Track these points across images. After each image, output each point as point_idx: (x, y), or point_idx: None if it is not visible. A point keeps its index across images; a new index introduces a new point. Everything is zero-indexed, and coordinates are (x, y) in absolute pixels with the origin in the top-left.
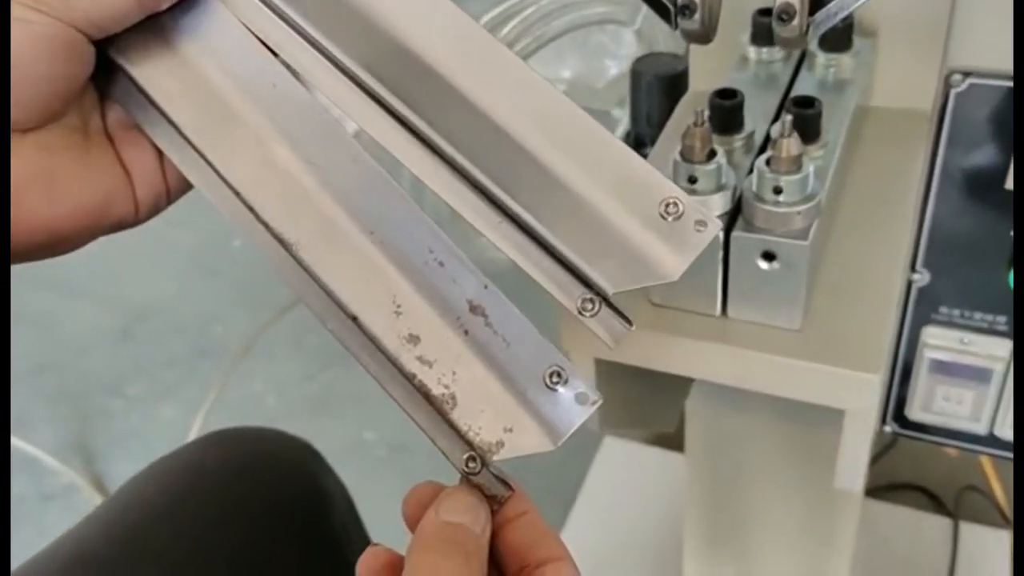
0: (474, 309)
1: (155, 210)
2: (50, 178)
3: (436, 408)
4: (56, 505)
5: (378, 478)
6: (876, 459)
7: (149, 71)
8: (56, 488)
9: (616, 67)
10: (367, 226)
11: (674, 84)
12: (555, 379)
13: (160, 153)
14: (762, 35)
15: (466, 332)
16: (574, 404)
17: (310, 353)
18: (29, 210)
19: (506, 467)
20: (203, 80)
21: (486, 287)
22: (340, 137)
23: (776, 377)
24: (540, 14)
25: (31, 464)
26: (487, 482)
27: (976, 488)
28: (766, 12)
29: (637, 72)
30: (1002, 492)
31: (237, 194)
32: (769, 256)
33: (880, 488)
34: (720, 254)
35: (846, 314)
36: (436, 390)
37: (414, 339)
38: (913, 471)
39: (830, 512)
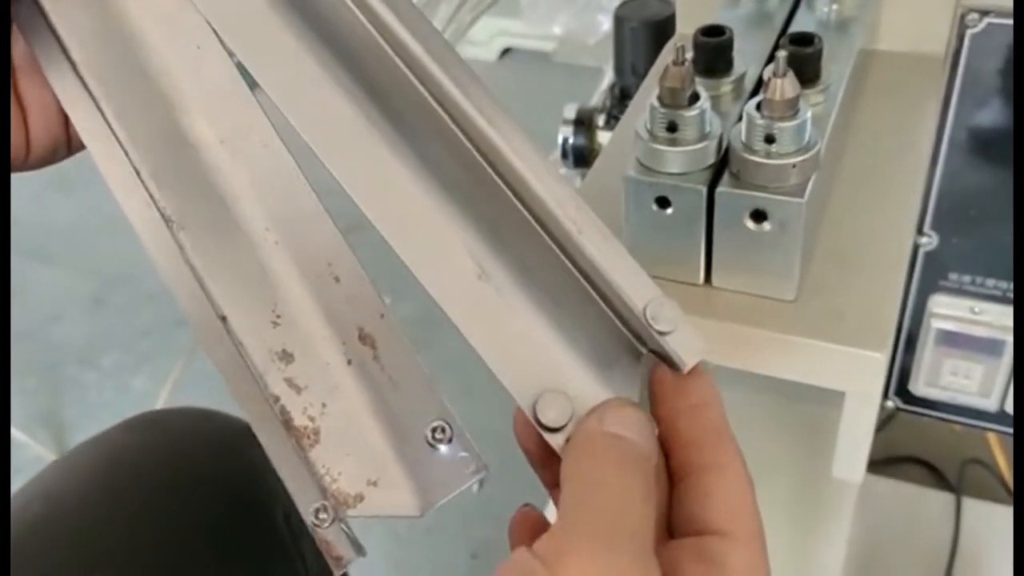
0: (364, 338)
1: (51, 157)
2: None
3: (294, 440)
4: (23, 478)
5: None
6: (876, 431)
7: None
8: (24, 462)
9: (608, 23)
10: (264, 221)
11: (660, 30)
12: (438, 435)
13: None
14: None
15: (349, 362)
16: (454, 468)
17: None
18: None
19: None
20: (121, 24)
21: (383, 316)
22: (257, 120)
23: (767, 355)
24: None
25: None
26: (335, 540)
27: (980, 462)
28: None
29: (620, 18)
30: (1007, 466)
31: (126, 154)
32: (759, 215)
33: (879, 461)
34: (703, 213)
35: (847, 284)
36: (299, 420)
37: (287, 357)
38: (914, 444)
39: (825, 492)
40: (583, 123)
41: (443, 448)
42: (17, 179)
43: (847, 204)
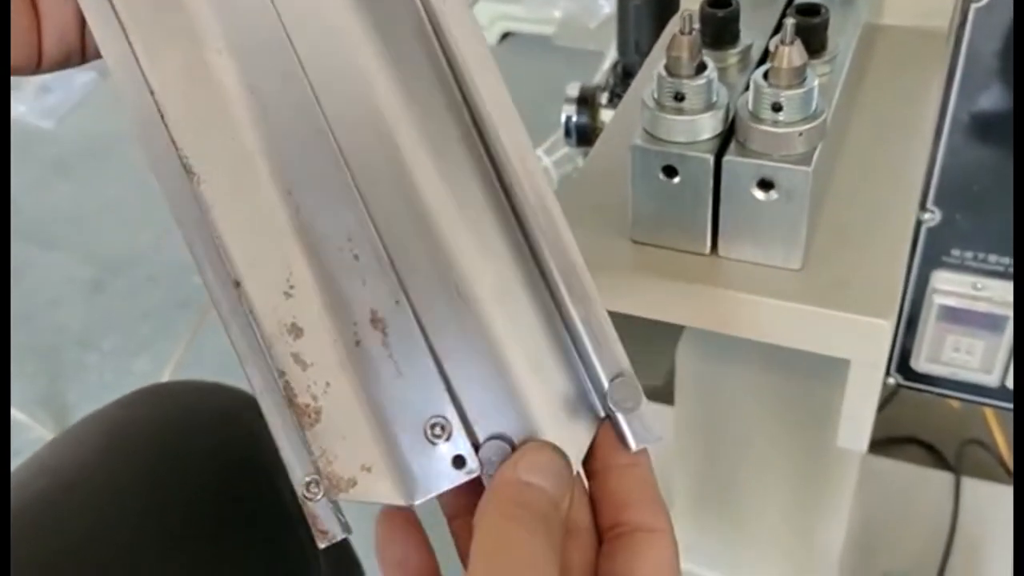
0: (376, 322)
1: (62, 65)
2: None
3: (295, 416)
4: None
5: None
6: (876, 411)
7: None
8: (26, 443)
9: (609, 6)
10: (286, 183)
11: (664, 7)
12: (437, 431)
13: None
14: None
15: (357, 343)
16: (448, 466)
17: None
18: None
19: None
20: None
21: (397, 302)
22: (292, 73)
23: (773, 323)
24: None
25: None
26: (323, 515)
27: (979, 442)
28: None
29: None
30: (1006, 446)
31: (151, 93)
32: (766, 184)
33: (880, 442)
34: (710, 182)
35: (853, 253)
36: (301, 398)
37: (296, 331)
38: (913, 424)
39: (826, 468)
40: (586, 102)
41: (440, 445)
42: (18, 164)
43: (852, 176)
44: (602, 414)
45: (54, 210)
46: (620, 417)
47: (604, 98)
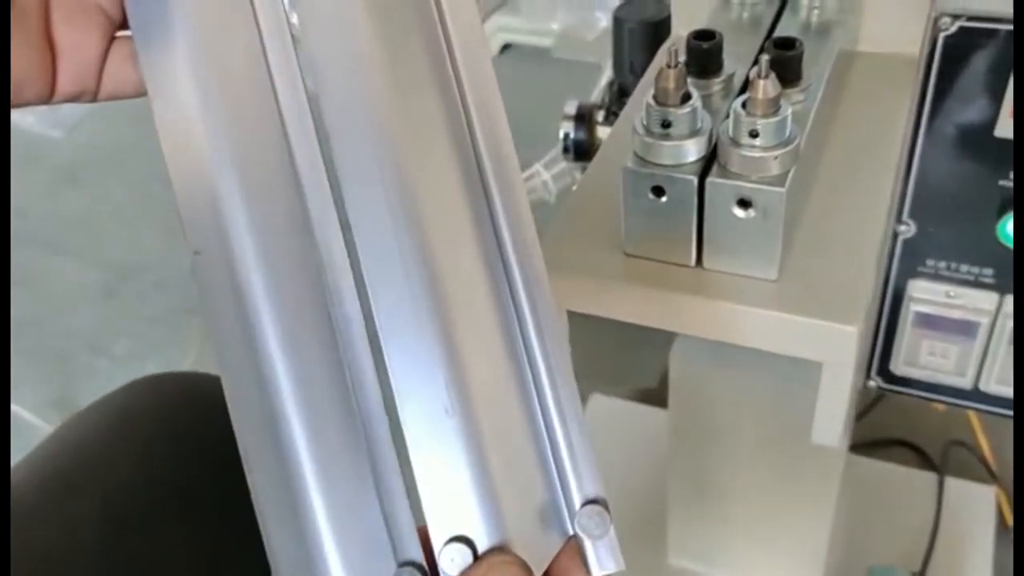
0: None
1: (73, 100)
2: None
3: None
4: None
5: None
6: (862, 414)
7: None
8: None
9: (607, 19)
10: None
11: (657, 30)
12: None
13: (107, 47)
14: None
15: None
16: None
17: None
18: None
19: None
20: None
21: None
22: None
23: (752, 329)
24: None
25: (15, 422)
26: None
27: (963, 443)
28: None
29: (619, 19)
30: (988, 447)
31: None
32: (745, 203)
33: (867, 444)
34: (694, 201)
35: (825, 265)
36: None
37: None
38: (900, 426)
39: (812, 467)
40: (583, 119)
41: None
42: (28, 172)
43: (827, 193)
44: (570, 532)
45: (64, 217)
46: (587, 542)
47: (600, 116)
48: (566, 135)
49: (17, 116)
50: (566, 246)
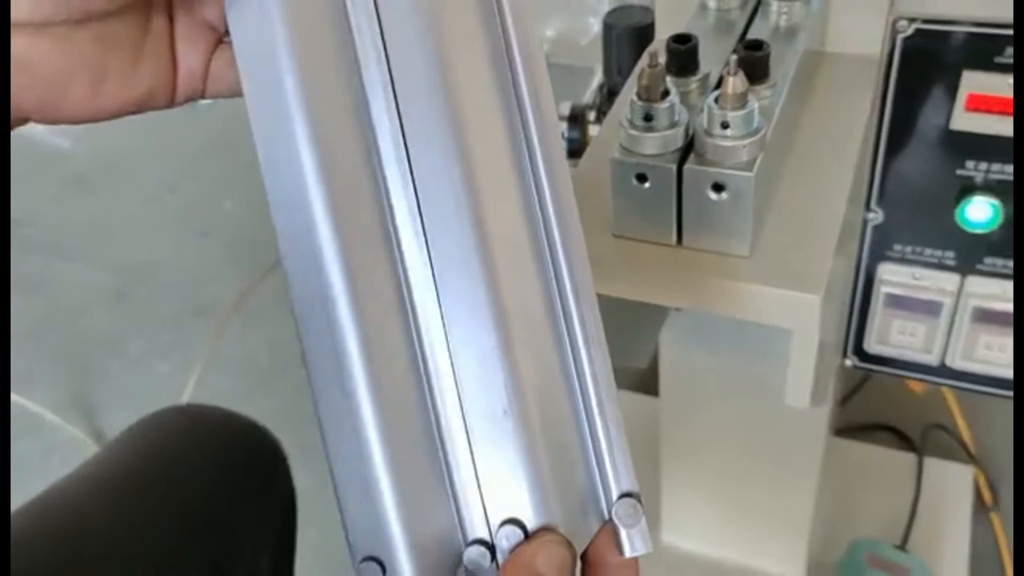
0: None
1: (188, 101)
2: (100, 74)
3: None
4: (59, 459)
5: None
6: (846, 399)
7: None
8: (58, 443)
9: (598, 25)
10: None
11: (642, 35)
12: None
13: (211, 53)
14: None
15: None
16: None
17: None
18: (73, 100)
19: None
20: None
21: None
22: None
23: (728, 300)
24: None
25: (35, 421)
26: None
27: (942, 427)
28: None
29: (608, 25)
30: (966, 429)
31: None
32: (718, 187)
33: (852, 428)
34: (674, 187)
35: (792, 243)
36: None
37: None
38: (882, 412)
39: (797, 446)
40: (576, 119)
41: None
42: (37, 181)
43: (795, 179)
44: (607, 518)
45: (75, 224)
46: (622, 529)
47: (592, 116)
48: (561, 134)
49: (25, 126)
50: None
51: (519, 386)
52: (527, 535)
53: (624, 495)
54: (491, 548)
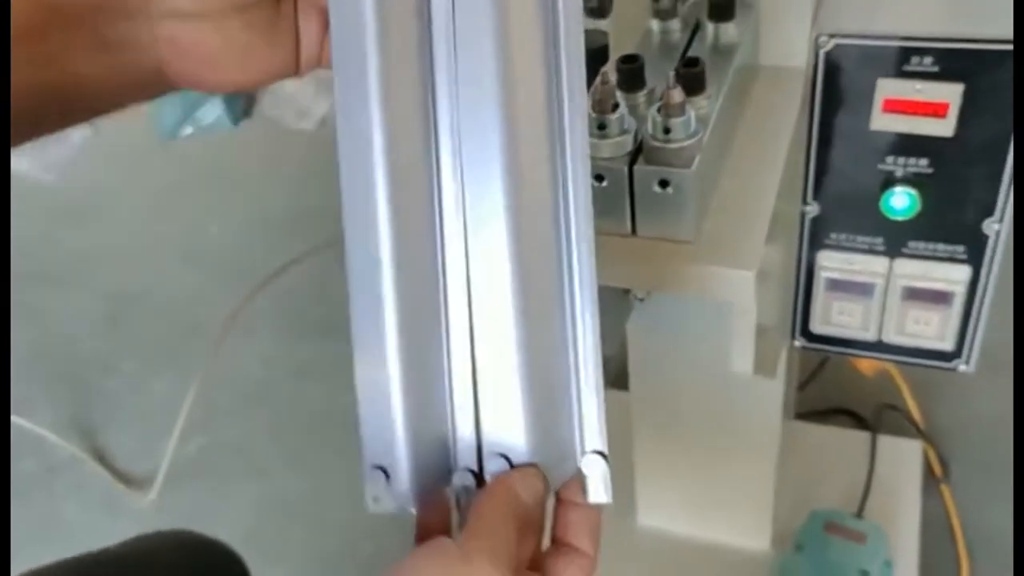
0: None
1: (310, 69)
2: (245, 51)
3: None
4: (61, 477)
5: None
6: (804, 385)
7: None
8: (59, 461)
9: None
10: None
11: (600, 55)
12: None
13: (324, 31)
14: (661, 12)
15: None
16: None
17: (290, 326)
18: (225, 75)
19: None
20: None
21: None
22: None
23: (677, 280)
24: None
25: (36, 441)
26: None
27: (893, 407)
28: None
29: None
30: (916, 408)
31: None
32: (664, 183)
33: (811, 412)
34: (626, 184)
35: (730, 229)
36: None
37: None
38: (838, 396)
39: (756, 425)
40: None
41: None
42: (25, 215)
43: (733, 175)
44: (578, 466)
45: (64, 254)
46: (589, 479)
47: None
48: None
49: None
50: None
51: (527, 333)
52: (511, 467)
53: (595, 451)
54: (477, 475)
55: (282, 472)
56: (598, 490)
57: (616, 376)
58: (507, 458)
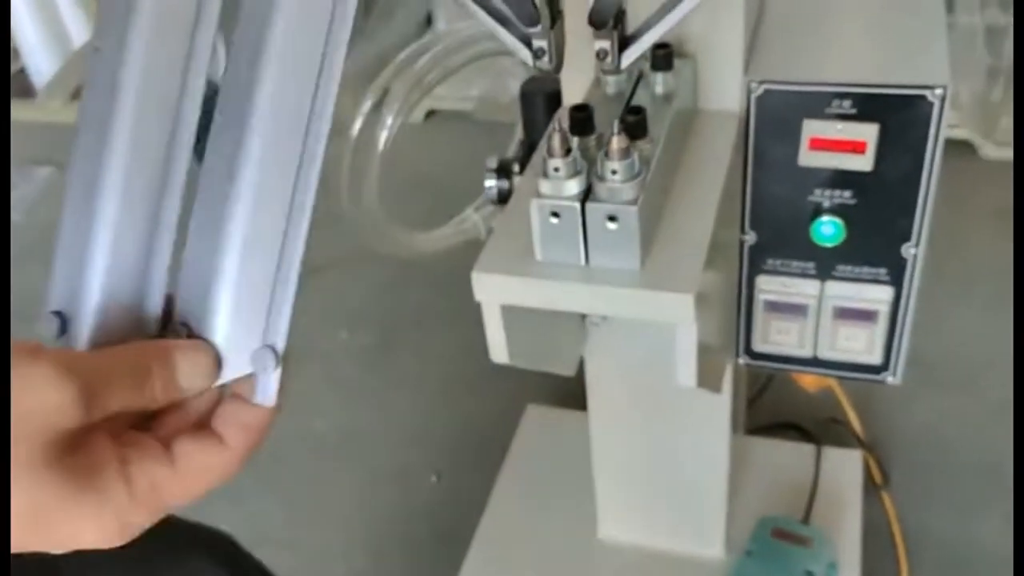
0: None
1: None
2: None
3: None
4: None
5: (330, 461)
6: (752, 401)
7: None
8: None
9: (518, 85)
10: None
11: (554, 99)
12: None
13: None
14: (607, 69)
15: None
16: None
17: None
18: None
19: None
20: None
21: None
22: None
23: (626, 304)
24: (447, 50)
25: None
26: None
27: (836, 420)
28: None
29: (524, 92)
30: (856, 421)
31: None
32: (612, 218)
33: (760, 428)
34: (579, 220)
35: (672, 258)
36: None
37: None
38: (785, 412)
39: (707, 439)
40: (503, 171)
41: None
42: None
43: (675, 209)
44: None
45: (35, 290)
46: (258, 375)
47: (516, 167)
48: (490, 185)
49: None
50: (498, 257)
51: (238, 221)
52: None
53: (269, 346)
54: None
55: (253, 498)
56: (265, 390)
57: (578, 398)
58: (189, 328)
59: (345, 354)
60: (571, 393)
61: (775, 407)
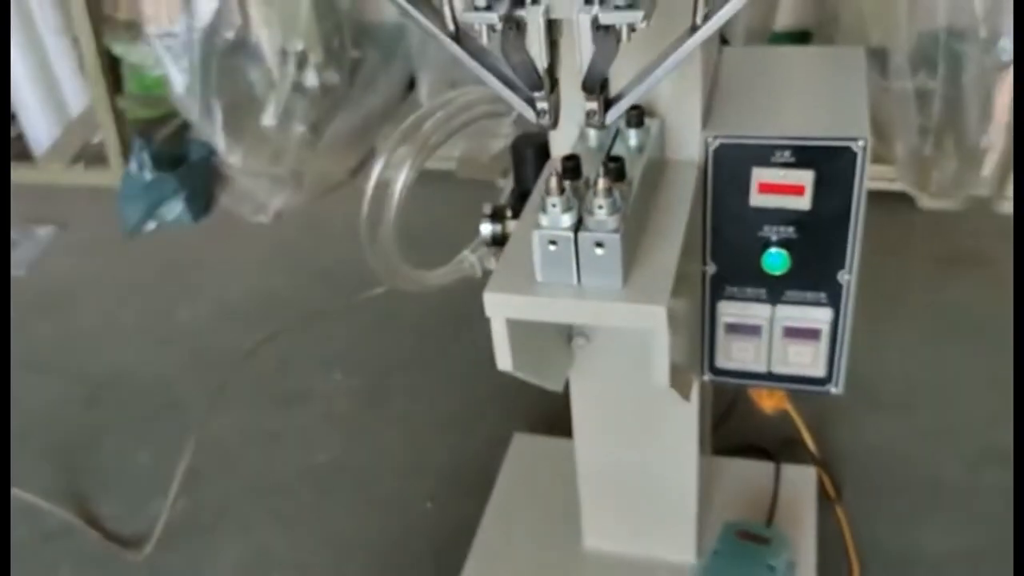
0: None
1: None
2: None
3: None
4: (55, 543)
5: (331, 492)
6: (717, 425)
7: None
8: (54, 528)
9: (497, 145)
10: None
11: (543, 151)
12: None
13: None
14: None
15: None
16: None
17: (265, 400)
18: None
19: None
20: None
21: None
22: None
23: (612, 315)
24: (445, 118)
25: (30, 510)
26: None
27: (792, 439)
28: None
29: (516, 146)
30: (811, 440)
31: None
32: (600, 245)
33: (725, 449)
34: (572, 247)
35: (647, 277)
36: None
37: None
38: (747, 434)
39: (680, 456)
40: (497, 215)
41: None
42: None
43: (650, 239)
44: None
45: (41, 342)
46: None
47: (509, 213)
48: (486, 228)
49: None
50: (505, 280)
51: None
52: None
53: None
54: None
55: (262, 527)
56: None
57: (560, 427)
58: None
59: (340, 394)
60: (554, 425)
61: (737, 429)
